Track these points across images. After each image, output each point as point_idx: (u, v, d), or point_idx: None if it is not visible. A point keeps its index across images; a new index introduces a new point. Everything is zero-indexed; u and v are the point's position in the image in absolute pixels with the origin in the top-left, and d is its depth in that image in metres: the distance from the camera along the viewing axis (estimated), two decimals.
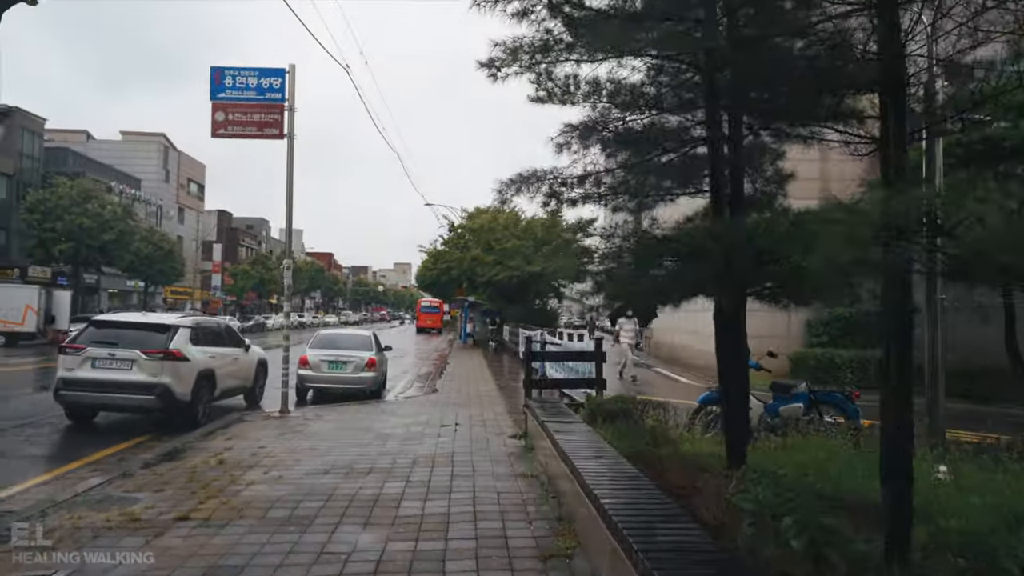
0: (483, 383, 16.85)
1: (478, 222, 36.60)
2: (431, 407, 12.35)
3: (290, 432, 9.41)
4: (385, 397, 15.05)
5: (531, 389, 9.11)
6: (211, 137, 11.16)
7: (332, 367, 13.92)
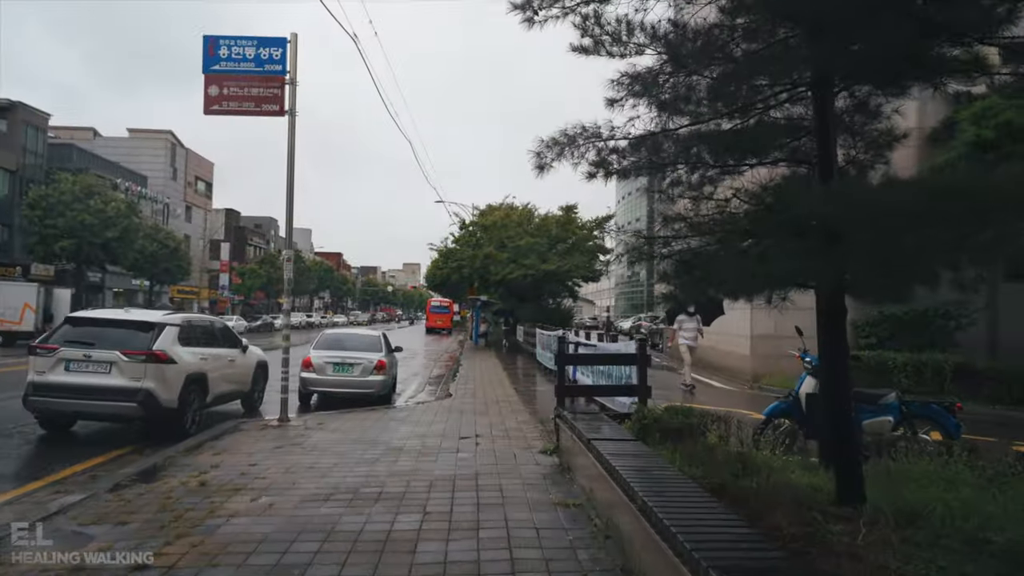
0: (500, 387, 15.68)
1: (490, 219, 35.44)
2: (446, 414, 11.19)
3: (288, 445, 8.26)
4: (395, 402, 13.93)
5: (564, 397, 7.90)
6: (204, 114, 10.04)
7: (338, 370, 12.79)
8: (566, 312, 36.02)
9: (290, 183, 9.99)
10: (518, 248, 32.03)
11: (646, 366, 7.88)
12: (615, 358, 8.49)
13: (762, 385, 15.15)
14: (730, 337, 17.73)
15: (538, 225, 35.02)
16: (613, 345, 9.62)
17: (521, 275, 31.42)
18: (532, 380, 17.56)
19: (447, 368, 23.15)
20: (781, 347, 15.71)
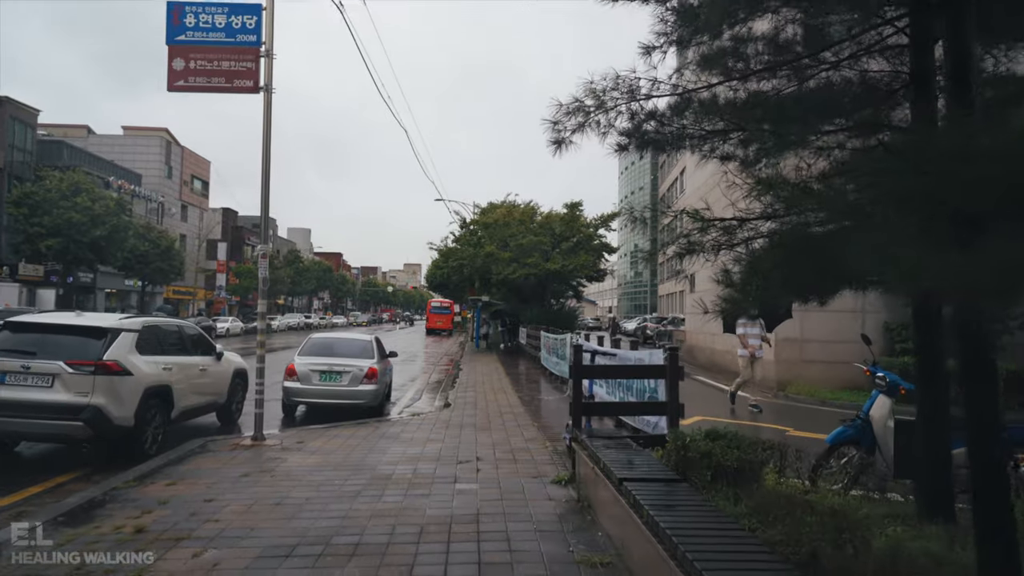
0: (503, 394, 14.48)
1: (492, 217, 34.24)
2: (443, 429, 10.00)
3: (257, 472, 7.06)
4: (389, 412, 12.78)
5: (581, 417, 6.71)
6: (168, 91, 8.83)
7: (324, 378, 11.61)
8: (570, 313, 34.79)
9: (266, 168, 8.81)
10: (520, 247, 30.82)
11: (678, 380, 6.68)
12: (641, 371, 7.28)
13: (788, 394, 13.94)
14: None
15: (541, 223, 33.82)
16: (634, 353, 8.41)
17: (524, 275, 30.23)
18: (537, 387, 16.36)
19: (446, 373, 21.96)
20: (807, 352, 14.52)
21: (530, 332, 25.44)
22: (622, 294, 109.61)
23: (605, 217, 33.71)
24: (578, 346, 6.89)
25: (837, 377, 14.15)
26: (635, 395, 8.24)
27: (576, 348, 6.78)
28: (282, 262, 75.09)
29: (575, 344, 6.85)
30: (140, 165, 57.21)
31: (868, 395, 13.28)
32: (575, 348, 6.75)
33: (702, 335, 22.14)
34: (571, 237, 33.03)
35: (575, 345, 6.85)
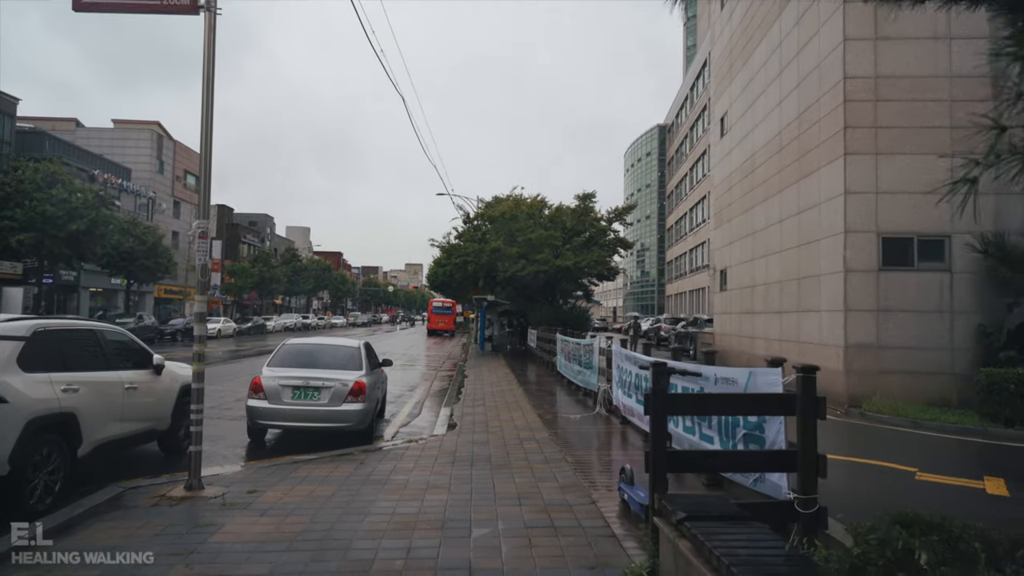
0: (518, 411, 12.10)
1: (497, 210, 31.74)
2: (448, 466, 7.62)
3: (169, 555, 4.67)
4: (383, 432, 10.51)
5: (666, 476, 4.33)
6: (73, 10, 6.45)
7: (299, 396, 9.23)
8: (582, 313, 32.33)
9: (208, 106, 6.41)
10: (529, 242, 28.37)
11: (815, 415, 4.30)
12: (751, 403, 4.83)
13: (865, 411, 11.52)
14: (808, 347, 14.13)
15: (551, 216, 31.38)
16: (724, 371, 5.99)
17: (532, 272, 27.80)
18: (556, 400, 13.97)
19: (450, 379, 19.59)
20: (884, 360, 12.13)
21: (542, 335, 23.04)
22: (628, 294, 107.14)
23: (620, 210, 31.31)
24: (661, 365, 4.47)
25: (921, 390, 11.78)
26: (724, 433, 5.85)
27: (658, 369, 4.38)
28: (279, 261, 72.75)
29: (657, 363, 4.41)
30: (130, 159, 54.94)
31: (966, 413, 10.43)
32: (656, 369, 4.36)
33: (737, 337, 19.74)
34: (583, 232, 30.63)
35: (657, 364, 4.44)
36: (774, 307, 16.35)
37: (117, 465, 7.62)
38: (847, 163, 12.49)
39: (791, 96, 15.41)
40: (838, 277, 12.71)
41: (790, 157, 15.35)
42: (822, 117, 13.59)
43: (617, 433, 9.85)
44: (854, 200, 12.46)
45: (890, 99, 12.45)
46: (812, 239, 14.01)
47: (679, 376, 6.32)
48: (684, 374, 6.28)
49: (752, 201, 18.38)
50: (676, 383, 6.58)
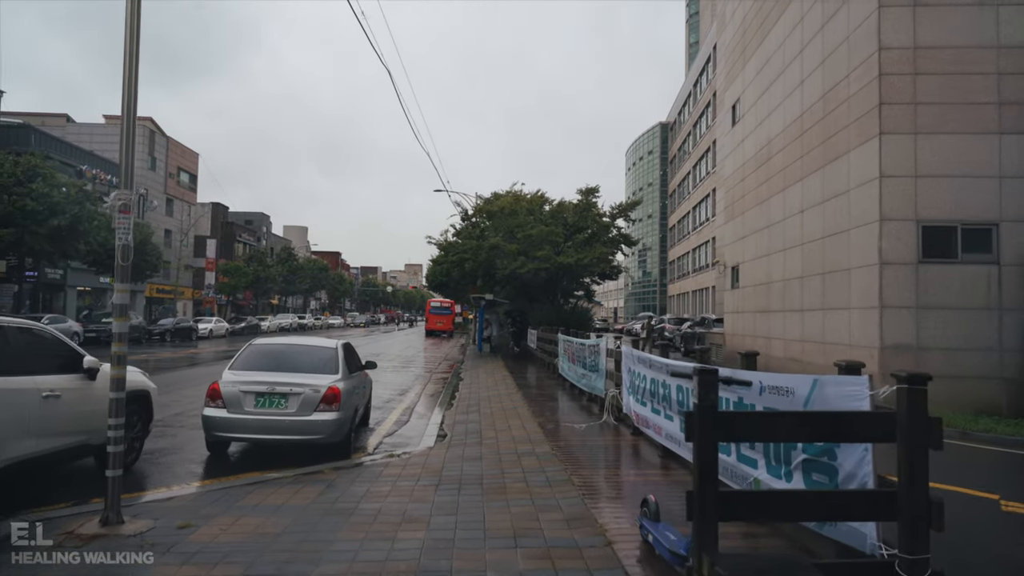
0: (516, 419, 10.86)
1: (496, 206, 30.44)
2: (431, 490, 6.38)
3: None
4: (363, 445, 9.31)
5: (716, 529, 3.09)
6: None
7: (262, 403, 7.99)
8: (584, 313, 31.10)
9: (131, 52, 5.16)
10: (529, 238, 27.12)
11: (926, 445, 3.08)
12: (836, 424, 3.51)
13: None
14: (835, 348, 12.87)
15: (552, 212, 30.13)
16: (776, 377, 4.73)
17: (533, 269, 26.54)
18: (558, 406, 12.73)
19: (445, 382, 18.36)
20: (924, 363, 10.86)
21: (542, 335, 21.79)
22: (629, 294, 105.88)
23: (624, 206, 30.03)
24: (709, 374, 3.22)
25: (967, 396, 10.53)
26: (774, 457, 4.60)
27: (706, 379, 3.16)
28: (274, 260, 71.48)
29: (704, 370, 3.11)
30: None
31: (1021, 423, 9.28)
32: (704, 378, 3.13)
33: (751, 338, 18.47)
34: (585, 228, 29.37)
35: (701, 369, 3.17)
36: (794, 305, 15.10)
37: (49, 485, 6.42)
38: (883, 144, 11.24)
39: (814, 75, 14.16)
40: (872, 271, 11.47)
41: (813, 141, 14.10)
42: (852, 95, 12.35)
43: (628, 447, 8.60)
44: (890, 185, 11.21)
45: (930, 72, 11.20)
46: (840, 229, 12.76)
47: (728, 389, 5.08)
48: (730, 383, 5.04)
49: (768, 192, 17.13)
50: (732, 399, 5.34)
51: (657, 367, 7.69)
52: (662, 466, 7.36)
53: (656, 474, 7.04)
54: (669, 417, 7.27)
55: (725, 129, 22.84)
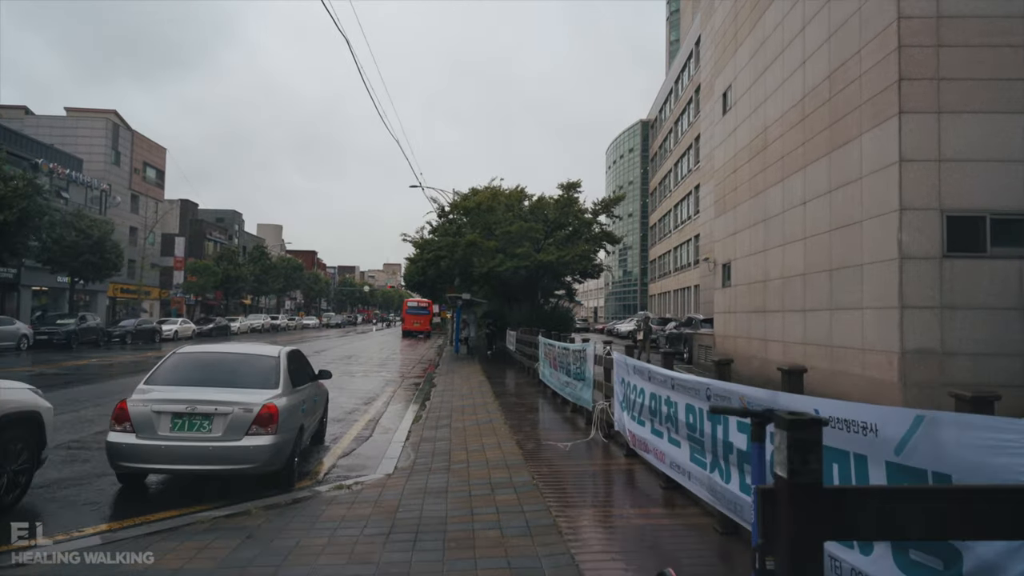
0: (491, 436, 9.48)
1: (473, 201, 29.02)
2: (378, 545, 4.99)
3: None
4: (313, 469, 7.89)
5: None
6: None
7: (180, 426, 6.56)
8: (565, 313, 29.83)
9: None
10: (508, 234, 25.80)
11: None
12: None
13: None
14: (844, 352, 11.65)
15: (532, 208, 28.82)
16: (840, 406, 3.38)
17: (511, 267, 25.22)
18: (538, 418, 11.39)
19: (418, 387, 16.95)
20: (950, 370, 9.66)
21: (522, 336, 20.45)
22: (609, 293, 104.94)
23: (606, 201, 28.80)
24: (800, 422, 1.79)
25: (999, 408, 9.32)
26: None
27: (799, 427, 1.74)
28: (246, 259, 69.36)
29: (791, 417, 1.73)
30: (83, 149, 51.50)
31: None
32: (796, 427, 1.70)
33: (745, 340, 17.26)
34: (567, 224, 28.12)
35: (791, 418, 1.72)
36: (795, 304, 13.90)
37: None
38: (902, 124, 10.03)
39: (818, 53, 12.96)
40: (889, 266, 10.26)
41: (818, 126, 12.90)
42: (864, 72, 11.15)
43: (623, 473, 7.26)
44: (911, 170, 10.00)
45: (955, 44, 10.02)
46: (850, 221, 11.55)
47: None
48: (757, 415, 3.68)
49: (764, 183, 15.93)
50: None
51: (659, 380, 6.38)
52: (666, 501, 6.04)
53: (661, 513, 5.71)
54: (675, 442, 5.95)
55: (715, 118, 21.64)
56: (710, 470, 5.12)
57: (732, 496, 4.66)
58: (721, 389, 4.90)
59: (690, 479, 5.55)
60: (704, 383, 5.23)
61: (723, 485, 4.82)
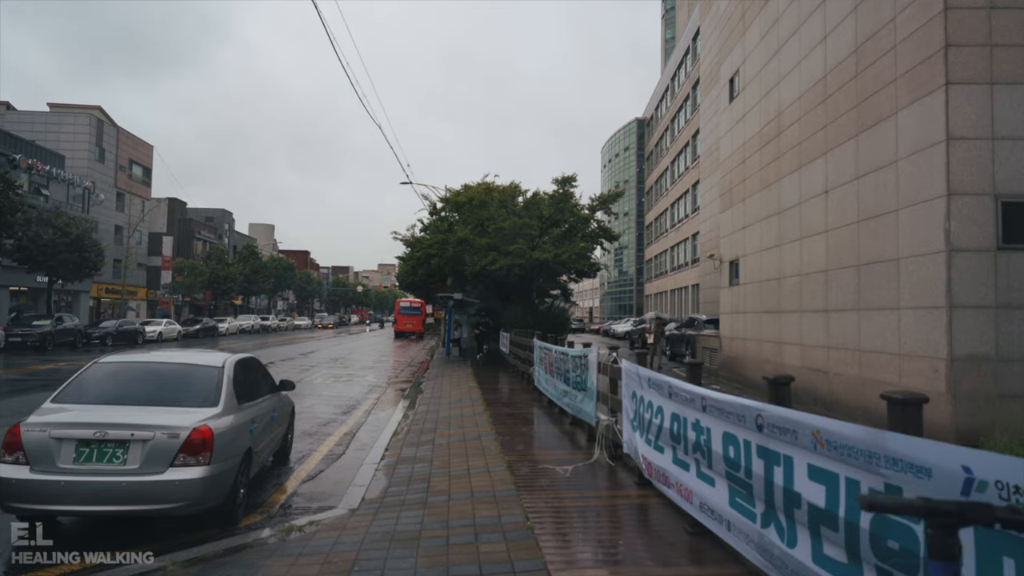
0: (479, 457, 8.20)
1: (465, 197, 27.64)
2: None
3: None
4: (266, 499, 6.64)
5: None
6: None
7: (87, 457, 5.28)
8: (561, 313, 28.47)
9: None
10: (501, 231, 24.48)
11: None
12: None
13: None
14: (875, 358, 10.39)
15: (526, 204, 27.49)
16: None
17: (505, 265, 23.91)
18: (533, 432, 10.12)
19: (403, 395, 15.67)
20: (1007, 379, 8.38)
21: (515, 339, 19.16)
22: (605, 293, 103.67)
23: (604, 197, 27.51)
24: None
25: None
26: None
27: None
28: (235, 258, 67.87)
29: None
30: (65, 146, 50.13)
31: None
32: None
33: (755, 343, 16.00)
34: (563, 221, 26.79)
35: None
36: (815, 304, 12.64)
37: None
38: (950, 97, 8.77)
39: (843, 26, 11.71)
40: (933, 261, 9.00)
41: (843, 106, 11.64)
42: (900, 41, 9.89)
43: (636, 510, 5.97)
44: (960, 150, 8.74)
45: (1010, 5, 8.78)
46: (883, 210, 10.29)
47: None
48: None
49: (777, 172, 14.67)
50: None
51: (684, 399, 5.10)
52: (694, 553, 4.76)
53: (694, 573, 4.44)
54: (706, 479, 4.68)
55: (720, 107, 20.38)
56: (762, 524, 3.85)
57: (799, 567, 3.39)
58: (780, 418, 3.62)
59: (730, 529, 4.27)
60: (753, 408, 3.95)
61: (784, 549, 3.55)
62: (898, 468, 2.66)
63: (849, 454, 2.99)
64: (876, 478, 2.80)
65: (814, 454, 3.29)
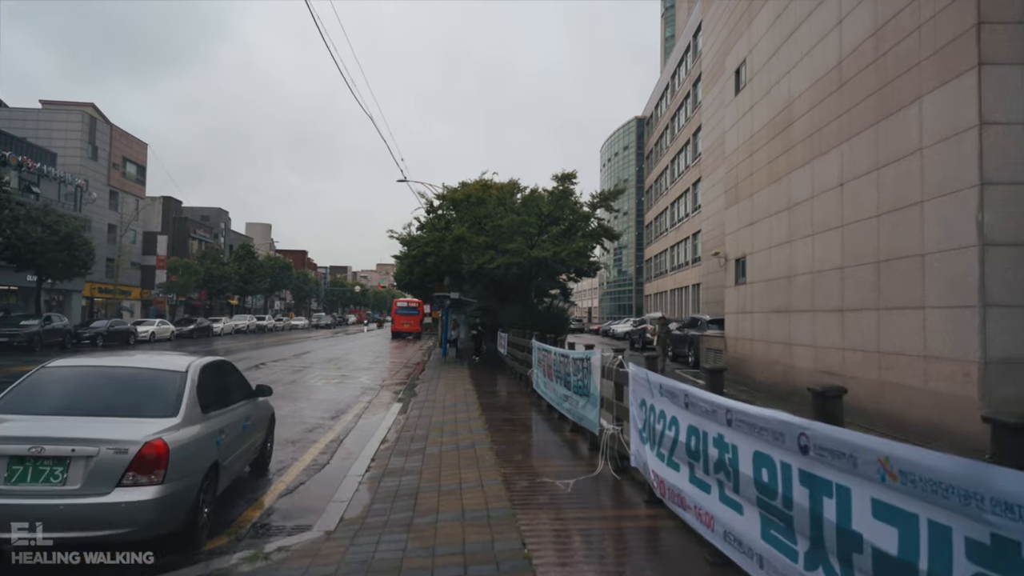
0: (473, 469, 7.54)
1: (462, 194, 26.95)
2: None
3: None
4: (236, 518, 5.99)
5: None
6: None
7: (20, 476, 4.61)
8: (560, 313, 27.81)
9: None
10: (499, 229, 23.82)
11: None
12: None
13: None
14: (896, 360, 9.73)
15: (525, 201, 26.82)
16: None
17: (503, 264, 23.26)
18: (532, 440, 9.46)
19: (396, 398, 15.01)
20: None
21: (513, 339, 18.51)
22: (604, 293, 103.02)
23: (605, 195, 26.83)
24: None
25: None
26: None
27: None
28: (231, 258, 67.17)
29: None
30: (57, 143, 49.40)
31: None
32: None
33: (763, 344, 15.34)
34: (562, 219, 26.13)
35: None
36: (830, 303, 11.98)
37: None
38: (983, 78, 8.12)
39: (860, 7, 11.05)
40: (964, 256, 8.34)
41: (860, 92, 10.98)
42: (925, 21, 9.23)
43: (646, 532, 5.32)
44: (994, 135, 8.09)
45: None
46: (906, 203, 9.63)
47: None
48: None
49: (788, 165, 14.01)
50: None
51: (704, 410, 4.43)
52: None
53: None
54: (733, 504, 4.01)
55: (725, 99, 19.71)
56: (806, 566, 3.18)
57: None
58: (832, 440, 2.95)
59: (763, 567, 3.61)
60: (795, 425, 3.28)
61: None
62: (1014, 516, 2.00)
63: (935, 491, 2.33)
64: (979, 526, 2.14)
65: (882, 486, 2.62)
